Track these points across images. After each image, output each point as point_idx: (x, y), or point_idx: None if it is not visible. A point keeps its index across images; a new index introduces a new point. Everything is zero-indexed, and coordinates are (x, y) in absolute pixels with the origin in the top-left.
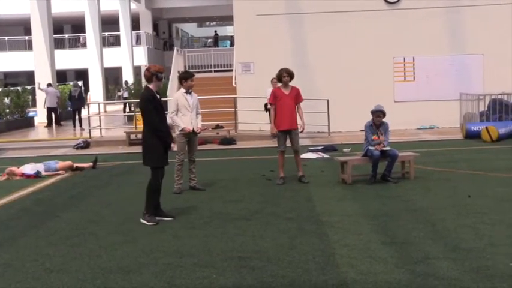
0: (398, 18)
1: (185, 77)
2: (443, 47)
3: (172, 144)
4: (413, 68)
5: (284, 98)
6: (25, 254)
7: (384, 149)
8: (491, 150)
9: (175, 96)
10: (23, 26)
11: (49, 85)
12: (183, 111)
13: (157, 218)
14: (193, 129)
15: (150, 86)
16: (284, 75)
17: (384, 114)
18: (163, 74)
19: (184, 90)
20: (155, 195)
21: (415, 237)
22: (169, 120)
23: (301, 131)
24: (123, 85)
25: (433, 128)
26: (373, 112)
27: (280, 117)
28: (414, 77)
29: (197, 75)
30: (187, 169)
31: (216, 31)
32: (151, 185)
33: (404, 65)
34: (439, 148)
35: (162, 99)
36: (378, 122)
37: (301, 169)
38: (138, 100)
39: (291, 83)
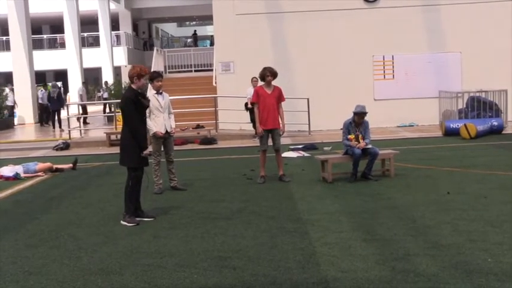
0: (378, 16)
1: (152, 78)
2: (422, 45)
3: (147, 150)
4: (393, 66)
5: (267, 98)
6: (3, 257)
7: (366, 146)
8: (469, 147)
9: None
10: (1, 27)
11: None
12: (156, 113)
13: (137, 218)
14: (166, 131)
15: (133, 86)
16: (267, 75)
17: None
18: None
19: (155, 91)
20: (134, 196)
21: (395, 234)
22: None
23: (282, 133)
24: (103, 85)
25: (412, 125)
26: (357, 113)
27: (264, 116)
28: (393, 75)
29: (177, 75)
30: (166, 169)
31: (195, 30)
32: (129, 186)
33: (384, 63)
34: (418, 145)
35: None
36: (359, 121)
37: (282, 168)
38: (119, 100)
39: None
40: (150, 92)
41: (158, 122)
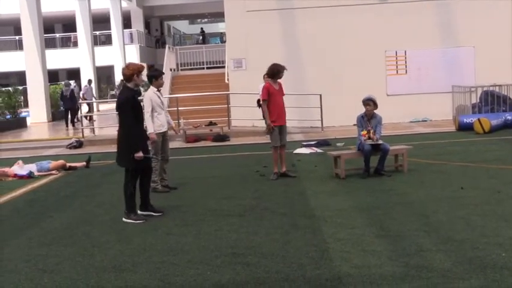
0: (390, 11)
1: (156, 75)
2: (435, 40)
3: (140, 153)
4: (405, 61)
5: (276, 94)
6: (18, 255)
7: (376, 142)
8: (483, 142)
9: (148, 95)
10: (13, 26)
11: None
12: (158, 110)
13: (145, 213)
14: (166, 129)
15: (130, 84)
16: (283, 71)
17: (374, 103)
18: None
19: (156, 89)
20: (133, 195)
21: (408, 229)
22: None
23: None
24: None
25: (425, 120)
26: (363, 101)
27: (276, 113)
28: (406, 70)
29: (190, 73)
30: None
31: (202, 28)
32: (127, 185)
33: (396, 58)
34: (432, 141)
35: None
36: (368, 111)
37: (285, 164)
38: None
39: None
40: (151, 90)
41: (161, 119)
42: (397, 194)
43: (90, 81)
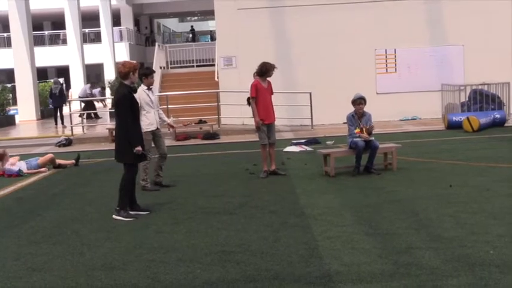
0: (380, 10)
1: (146, 74)
2: (424, 39)
3: (136, 148)
4: (395, 60)
5: (265, 92)
6: (7, 254)
7: (369, 139)
8: (472, 140)
9: (137, 93)
10: (1, 23)
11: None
12: (147, 109)
13: (133, 212)
14: (157, 128)
15: (126, 82)
16: (273, 70)
17: (364, 101)
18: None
19: (146, 87)
20: (129, 191)
21: (397, 227)
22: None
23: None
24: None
25: (415, 119)
26: (354, 101)
27: (265, 110)
28: (396, 69)
29: (179, 71)
30: (156, 166)
31: (192, 26)
32: (125, 181)
33: (386, 57)
34: (421, 139)
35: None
36: (360, 110)
37: (274, 162)
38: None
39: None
40: (140, 88)
41: (150, 117)
42: (386, 192)
43: (104, 88)
